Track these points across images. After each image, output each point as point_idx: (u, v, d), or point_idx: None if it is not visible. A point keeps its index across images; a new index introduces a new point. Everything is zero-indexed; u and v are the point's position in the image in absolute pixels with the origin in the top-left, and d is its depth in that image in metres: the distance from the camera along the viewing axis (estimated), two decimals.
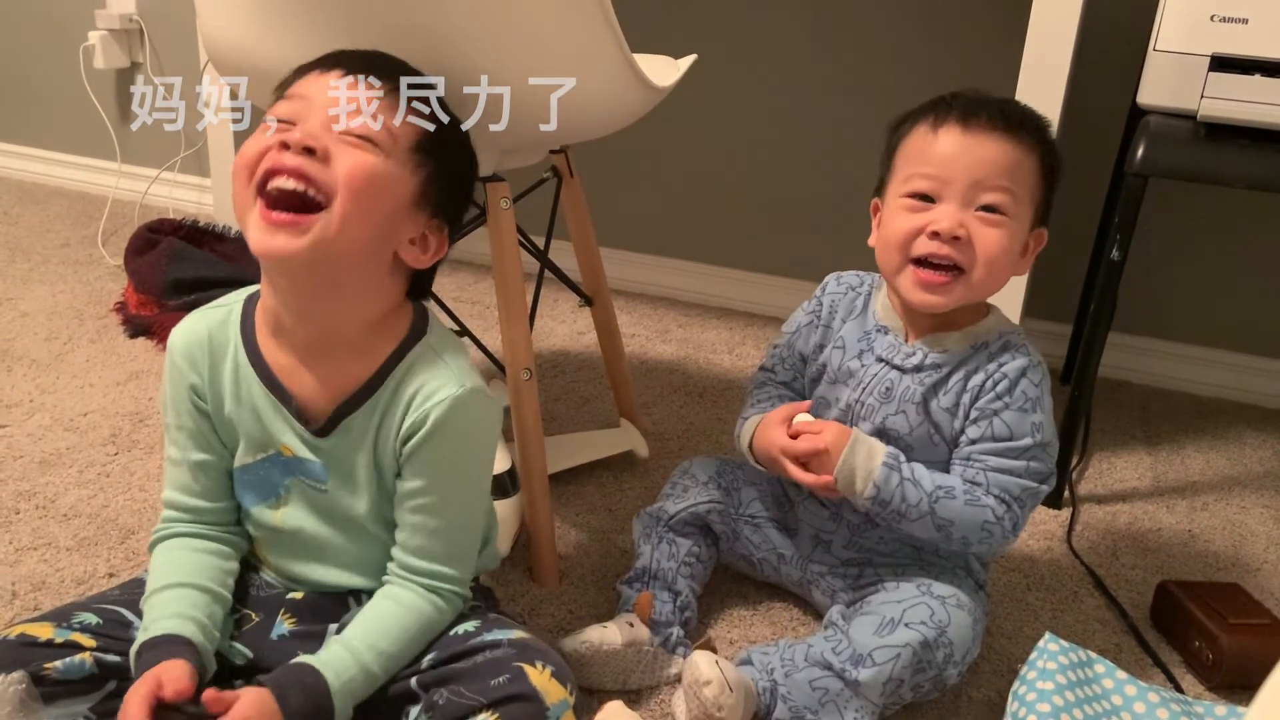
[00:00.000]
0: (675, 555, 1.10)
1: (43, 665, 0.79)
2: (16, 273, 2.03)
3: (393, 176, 0.82)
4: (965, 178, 0.95)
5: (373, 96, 0.82)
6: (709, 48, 1.60)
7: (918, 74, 1.82)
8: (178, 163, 2.47)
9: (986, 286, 0.99)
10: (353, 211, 0.79)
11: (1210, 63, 1.24)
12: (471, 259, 2.19)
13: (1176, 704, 0.93)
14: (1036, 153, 0.98)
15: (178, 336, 0.89)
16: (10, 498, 1.27)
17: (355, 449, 0.87)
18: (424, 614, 0.85)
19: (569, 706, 0.79)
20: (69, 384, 1.57)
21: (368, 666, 0.82)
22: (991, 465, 0.99)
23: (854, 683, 0.91)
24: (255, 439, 0.88)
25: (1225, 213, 1.74)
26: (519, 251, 1.16)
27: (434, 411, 0.84)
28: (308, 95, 0.82)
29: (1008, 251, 0.97)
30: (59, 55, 2.53)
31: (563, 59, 1.04)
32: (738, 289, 2.08)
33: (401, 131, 0.83)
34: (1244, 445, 1.62)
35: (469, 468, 0.89)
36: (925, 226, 0.97)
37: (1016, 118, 0.98)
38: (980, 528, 0.98)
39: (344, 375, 0.86)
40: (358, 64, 0.84)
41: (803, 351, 1.12)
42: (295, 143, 0.78)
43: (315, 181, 0.79)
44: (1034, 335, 1.83)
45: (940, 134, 0.97)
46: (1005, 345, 1.01)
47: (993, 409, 0.99)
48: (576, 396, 1.65)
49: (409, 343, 0.87)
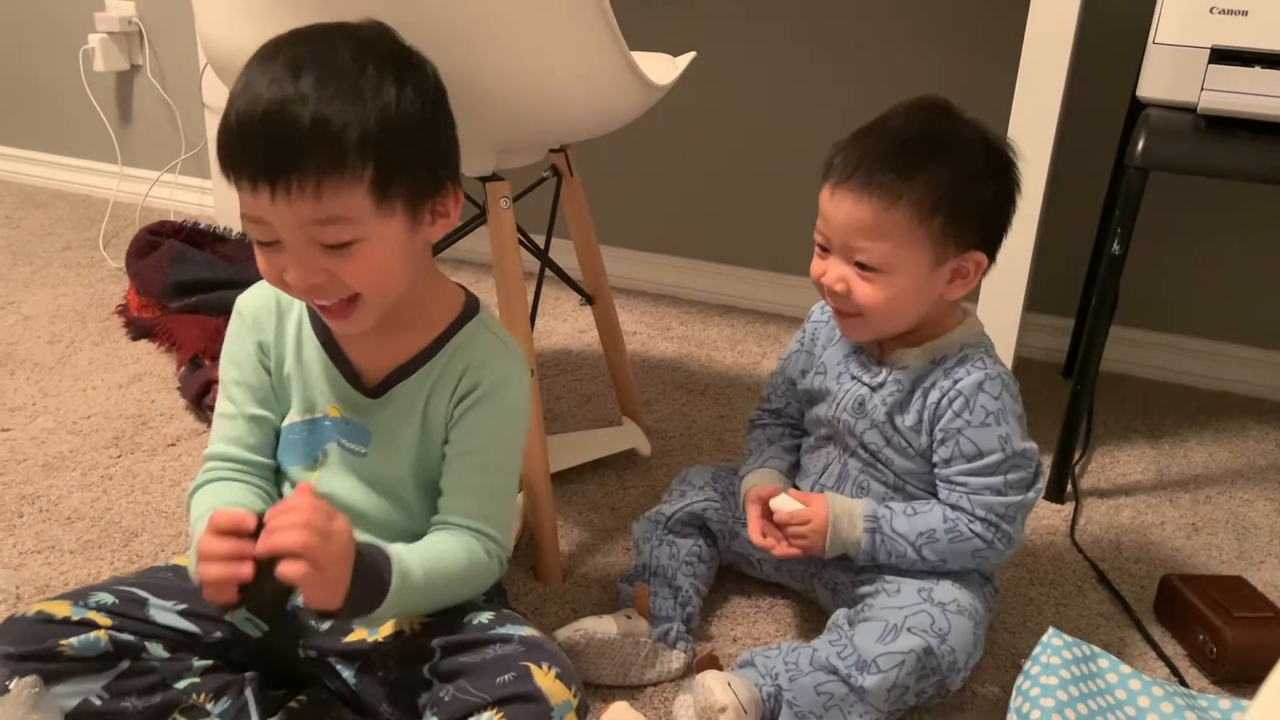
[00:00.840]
0: (675, 555, 1.11)
1: (58, 642, 0.81)
2: (19, 276, 2.03)
3: (387, 239, 0.82)
4: (838, 239, 1.00)
5: (322, 216, 0.78)
6: (707, 45, 1.60)
7: (918, 69, 1.82)
8: (178, 165, 2.47)
9: (889, 326, 1.03)
10: (380, 291, 0.84)
11: (1210, 55, 1.23)
12: (472, 258, 2.19)
13: (1181, 698, 0.93)
14: (909, 198, 0.95)
15: (248, 297, 0.95)
16: (14, 501, 1.27)
17: (404, 415, 0.90)
18: (474, 552, 0.87)
19: (573, 708, 0.79)
20: (71, 387, 1.58)
21: (425, 575, 0.83)
22: (972, 487, 1.00)
23: (859, 689, 0.91)
24: (306, 399, 0.93)
25: (1226, 205, 1.73)
26: (519, 250, 1.16)
27: (487, 378, 0.89)
28: (268, 220, 0.79)
29: (888, 301, 0.99)
30: (59, 58, 2.53)
31: (561, 58, 1.04)
32: (739, 286, 2.08)
33: (357, 201, 0.79)
34: (1247, 438, 1.62)
35: (511, 437, 0.93)
36: (821, 276, 1.02)
37: (875, 173, 0.96)
38: (971, 555, 1.00)
39: (401, 345, 0.91)
40: (269, 148, 0.77)
41: (792, 377, 1.15)
42: (299, 290, 0.82)
43: (337, 291, 0.83)
44: (1036, 329, 1.85)
45: (823, 191, 1.01)
46: (962, 359, 1.01)
47: (955, 428, 1.00)
48: (578, 395, 1.65)
49: (463, 319, 0.92)
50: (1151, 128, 1.27)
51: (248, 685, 0.89)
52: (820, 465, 1.10)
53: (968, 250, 0.99)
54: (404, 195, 0.82)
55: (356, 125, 0.77)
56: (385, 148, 0.79)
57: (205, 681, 0.87)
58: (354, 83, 0.78)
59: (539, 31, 1.01)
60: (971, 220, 0.98)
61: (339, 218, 0.78)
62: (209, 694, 0.86)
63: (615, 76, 1.09)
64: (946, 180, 0.96)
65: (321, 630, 0.89)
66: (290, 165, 0.76)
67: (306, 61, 0.78)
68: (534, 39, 1.01)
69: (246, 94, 0.78)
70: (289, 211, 0.78)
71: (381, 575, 0.79)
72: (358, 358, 0.91)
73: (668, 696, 1.00)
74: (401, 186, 0.81)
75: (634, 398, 1.49)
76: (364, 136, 0.77)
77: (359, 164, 0.78)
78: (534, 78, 1.03)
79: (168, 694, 0.85)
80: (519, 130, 1.10)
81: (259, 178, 0.77)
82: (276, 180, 0.76)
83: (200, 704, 0.86)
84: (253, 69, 0.80)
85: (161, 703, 0.84)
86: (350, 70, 0.79)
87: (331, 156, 0.77)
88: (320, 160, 0.76)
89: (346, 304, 0.84)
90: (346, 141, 0.77)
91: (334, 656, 0.89)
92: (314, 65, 0.78)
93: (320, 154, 0.76)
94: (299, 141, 0.76)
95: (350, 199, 0.78)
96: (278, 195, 0.77)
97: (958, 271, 1.00)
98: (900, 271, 0.98)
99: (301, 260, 0.80)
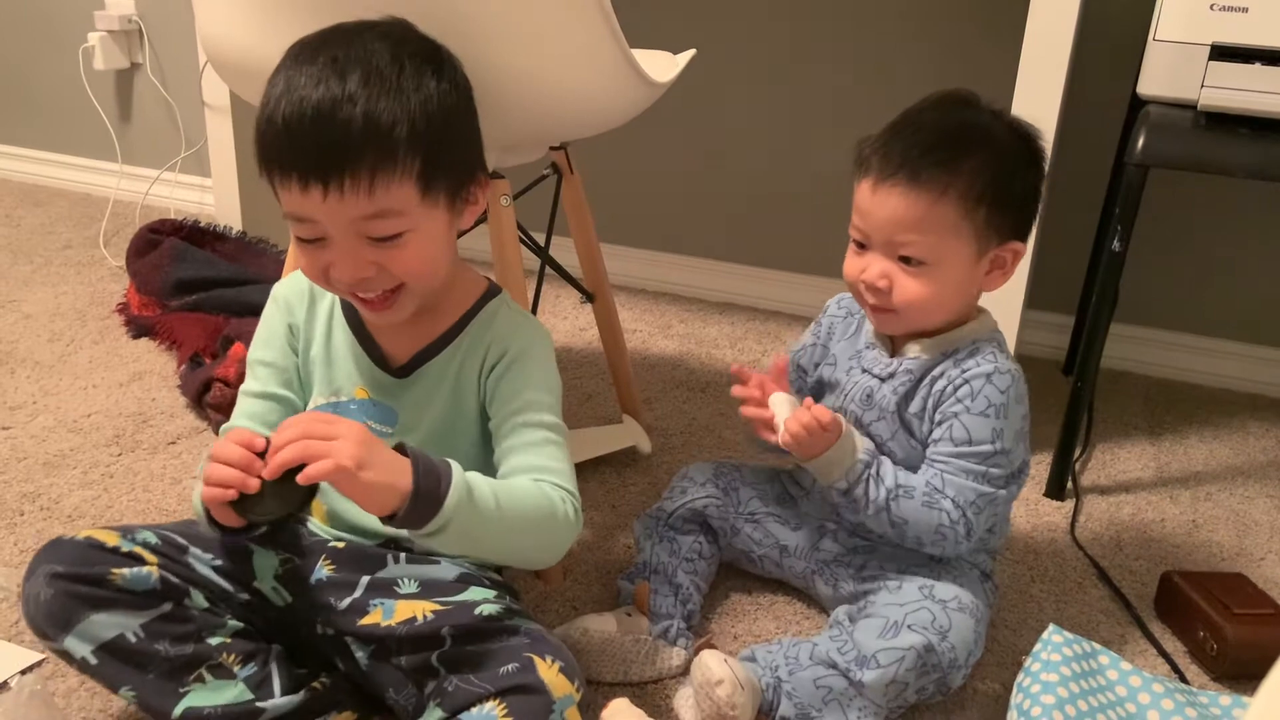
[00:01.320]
0: (676, 552, 1.11)
1: (110, 570, 0.81)
2: (19, 275, 2.03)
3: (432, 230, 0.86)
4: (880, 235, 0.99)
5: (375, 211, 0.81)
6: (707, 43, 1.60)
7: (918, 67, 1.82)
8: (178, 163, 2.47)
9: (925, 320, 1.02)
10: (423, 278, 0.88)
11: (1210, 52, 1.23)
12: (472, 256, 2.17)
13: (1181, 694, 0.93)
14: (956, 188, 0.96)
15: (284, 284, 0.99)
16: (14, 499, 1.27)
17: (431, 392, 0.93)
18: (549, 496, 0.87)
19: (574, 702, 0.79)
20: (72, 385, 1.58)
21: (494, 499, 0.82)
22: (950, 469, 1.00)
23: (858, 683, 0.91)
24: (332, 382, 0.95)
25: (1226, 202, 1.73)
26: (519, 248, 1.16)
27: (514, 345, 0.93)
28: (316, 219, 0.82)
29: (931, 296, 0.99)
30: (59, 57, 2.53)
31: (562, 55, 1.04)
32: (739, 284, 2.08)
33: (406, 194, 0.83)
34: (1247, 435, 1.62)
35: (552, 391, 0.94)
36: (861, 272, 1.02)
37: (922, 165, 0.96)
38: (934, 530, 1.00)
39: (427, 326, 0.94)
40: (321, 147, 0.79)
41: (804, 366, 1.16)
42: (348, 285, 0.85)
43: (385, 283, 0.86)
44: (1036, 327, 1.85)
45: (861, 186, 1.01)
46: (973, 351, 1.02)
47: (952, 412, 1.00)
48: (579, 393, 1.65)
49: (485, 299, 0.96)
50: (1152, 125, 1.27)
51: (273, 657, 0.89)
52: None
53: (1007, 240, 1.01)
54: (446, 185, 0.86)
55: (405, 121, 0.80)
56: (431, 140, 0.82)
57: (235, 643, 0.87)
58: (397, 79, 0.81)
59: (539, 29, 1.01)
60: (1010, 210, 1.00)
61: (390, 211, 0.82)
62: (238, 656, 0.86)
63: (615, 74, 1.09)
64: (990, 171, 0.97)
65: (340, 609, 0.89)
66: (344, 164, 0.79)
67: (348, 61, 0.81)
68: (535, 36, 1.01)
69: (291, 94, 0.80)
70: (340, 209, 0.80)
71: (438, 476, 0.79)
72: (386, 342, 0.95)
73: (669, 694, 1.01)
74: (444, 176, 0.85)
75: (634, 395, 1.49)
76: (412, 131, 0.81)
77: (409, 158, 0.81)
78: (534, 75, 1.03)
79: (200, 646, 0.84)
80: (519, 127, 1.10)
81: (311, 177, 0.79)
82: (330, 179, 0.79)
83: (228, 664, 0.86)
84: (290, 69, 0.82)
85: (193, 654, 0.84)
86: (391, 67, 0.82)
87: (384, 153, 0.80)
88: (374, 158, 0.79)
89: (390, 294, 0.87)
90: (397, 137, 0.80)
91: (350, 637, 0.89)
92: (356, 64, 0.81)
93: (374, 152, 0.79)
94: (352, 140, 0.79)
95: (401, 192, 0.82)
96: (330, 193, 0.79)
97: (995, 262, 1.01)
98: (946, 264, 0.98)
99: (350, 255, 0.83)
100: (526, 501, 0.85)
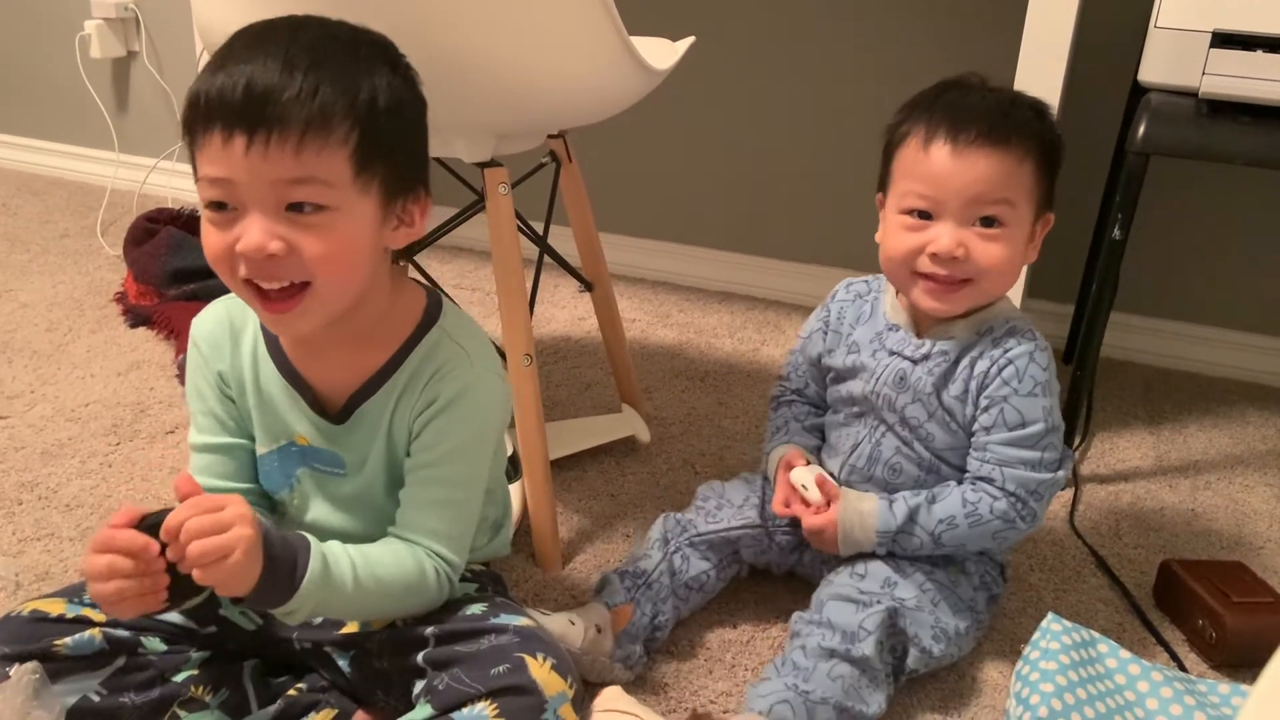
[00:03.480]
0: (680, 575, 1.06)
1: (53, 641, 0.80)
2: (16, 264, 2.03)
3: (356, 221, 0.78)
4: (959, 198, 0.96)
5: (298, 175, 0.74)
6: (707, 30, 1.59)
7: (920, 55, 1.81)
8: (176, 152, 2.46)
9: (997, 289, 1.02)
10: (335, 279, 0.79)
11: (1212, 39, 1.23)
12: (471, 245, 2.18)
13: (1180, 682, 0.93)
14: (1032, 153, 0.97)
15: (200, 324, 0.90)
16: (12, 488, 1.27)
17: (371, 435, 0.87)
18: (422, 568, 0.84)
19: (568, 699, 0.79)
20: (70, 374, 1.57)
21: (353, 574, 0.80)
22: (1005, 458, 0.99)
23: (859, 659, 0.92)
24: (271, 429, 0.89)
25: (1227, 190, 1.73)
26: (518, 237, 1.16)
27: (446, 390, 0.85)
28: (233, 179, 0.75)
29: (1009, 259, 0.98)
30: (55, 45, 2.52)
31: (560, 42, 1.03)
32: (738, 273, 2.07)
33: (336, 167, 0.76)
34: (1247, 424, 1.62)
35: (470, 448, 0.88)
36: (925, 246, 0.98)
37: (1005, 126, 0.96)
38: (992, 537, 1.01)
39: (360, 363, 0.87)
40: (251, 98, 0.73)
41: (812, 357, 1.13)
42: (252, 255, 0.75)
43: (291, 272, 0.77)
44: (1036, 315, 1.84)
45: (931, 152, 0.97)
46: (1010, 330, 1.01)
47: (1001, 395, 0.99)
48: (578, 382, 1.65)
49: (423, 329, 0.88)
50: (1153, 112, 1.26)
51: (246, 675, 0.88)
52: (850, 444, 1.08)
53: (1044, 212, 1.02)
54: (381, 178, 0.79)
55: (350, 92, 0.76)
56: (374, 120, 0.77)
57: (204, 673, 0.86)
58: (351, 55, 0.78)
59: (538, 15, 1.00)
60: (1053, 181, 1.01)
61: (315, 179, 0.75)
62: (207, 686, 0.86)
63: (614, 61, 1.08)
64: (1049, 142, 0.99)
65: (316, 623, 0.88)
66: (273, 117, 0.73)
67: (302, 33, 0.77)
68: (533, 23, 1.00)
69: (231, 56, 0.75)
70: (263, 167, 0.74)
71: (294, 564, 0.77)
72: (317, 380, 0.88)
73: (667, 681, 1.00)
74: (381, 167, 0.79)
75: (633, 385, 1.48)
76: (354, 103, 0.76)
77: (345, 129, 0.76)
78: (533, 62, 1.03)
79: (166, 688, 0.84)
80: (517, 115, 1.09)
81: (236, 127, 0.73)
82: (255, 130, 0.73)
83: (199, 696, 0.85)
84: (240, 38, 0.77)
85: (160, 697, 0.84)
86: (347, 45, 0.78)
87: (320, 115, 0.74)
88: (307, 116, 0.74)
89: (295, 291, 0.78)
90: (337, 104, 0.75)
91: (329, 646, 0.89)
92: (310, 34, 0.77)
93: (309, 111, 0.74)
94: (287, 96, 0.73)
95: (331, 163, 0.75)
96: (254, 147, 0.73)
97: (1036, 232, 1.02)
98: (1019, 227, 0.99)
99: (262, 224, 0.75)
100: (391, 572, 0.83)
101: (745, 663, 1.04)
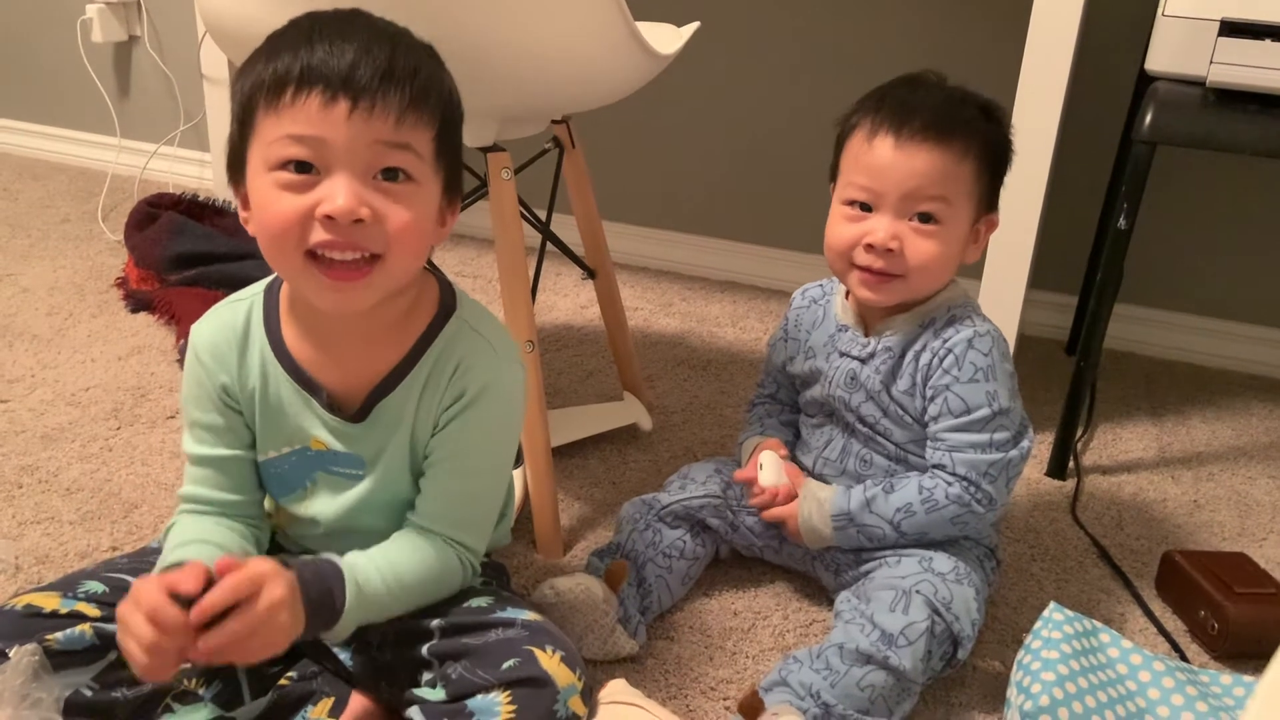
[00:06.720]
0: (655, 544, 1.07)
1: (45, 637, 0.79)
2: (17, 248, 2.02)
3: (429, 200, 0.81)
4: (897, 190, 0.98)
5: (397, 140, 0.76)
6: (712, 16, 1.58)
7: (924, 43, 1.81)
8: (177, 136, 2.45)
9: (927, 285, 1.02)
10: (406, 255, 0.80)
11: (1220, 27, 1.22)
12: (473, 232, 2.18)
13: (1182, 673, 0.93)
14: (974, 151, 0.98)
15: (202, 334, 0.88)
16: (13, 472, 1.27)
17: (391, 430, 0.86)
18: (445, 559, 0.85)
19: (577, 691, 0.79)
20: (70, 359, 1.57)
21: (384, 587, 0.81)
22: (954, 443, 1.00)
23: (898, 669, 0.89)
24: (283, 433, 0.88)
25: (1234, 181, 1.72)
26: (521, 224, 1.15)
27: (472, 384, 0.85)
28: (326, 140, 0.75)
29: (942, 256, 0.99)
30: (56, 29, 2.51)
31: (565, 27, 1.03)
32: (741, 262, 2.07)
33: (424, 143, 0.79)
34: (1250, 416, 1.62)
35: (497, 440, 0.89)
36: (863, 237, 1.00)
37: (949, 123, 0.97)
38: (951, 522, 1.00)
39: (375, 360, 0.86)
40: (358, 68, 0.75)
41: (777, 365, 1.16)
42: (343, 216, 0.75)
43: (371, 242, 0.78)
44: (1040, 306, 1.84)
45: (874, 144, 0.99)
46: (951, 319, 1.02)
47: (943, 384, 1.00)
48: (580, 370, 1.64)
49: (441, 319, 0.87)
50: (1160, 101, 1.26)
51: (239, 667, 0.88)
52: (822, 441, 1.11)
53: (989, 212, 1.03)
54: (446, 168, 0.82)
55: (438, 80, 0.80)
56: (451, 110, 0.82)
57: (195, 666, 0.85)
58: (428, 50, 0.81)
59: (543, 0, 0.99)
60: (998, 181, 1.02)
61: (409, 146, 0.77)
62: (200, 680, 0.86)
63: (619, 45, 1.07)
64: (995, 141, 1.00)
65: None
66: (382, 85, 0.75)
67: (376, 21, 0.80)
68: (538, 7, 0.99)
69: (318, 33, 0.76)
70: (365, 128, 0.75)
71: (333, 599, 0.78)
72: (331, 380, 0.86)
73: (668, 669, 1.00)
74: (447, 158, 0.82)
75: (635, 373, 1.48)
76: (441, 90, 0.80)
77: (433, 111, 0.79)
78: (537, 46, 1.02)
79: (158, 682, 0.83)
80: (521, 100, 1.09)
81: (340, 90, 0.74)
82: (361, 96, 0.74)
83: (192, 689, 0.85)
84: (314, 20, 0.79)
85: (153, 690, 0.83)
86: (419, 41, 0.81)
87: (421, 92, 0.77)
88: (413, 91, 0.77)
89: (366, 265, 0.78)
90: (431, 87, 0.79)
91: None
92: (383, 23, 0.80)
93: (413, 86, 0.77)
94: (395, 67, 0.76)
95: (422, 137, 0.78)
96: (358, 110, 0.74)
97: (978, 232, 1.03)
98: (955, 225, 0.99)
99: (351, 186, 0.75)
100: (419, 571, 0.84)
101: (746, 650, 1.04)
